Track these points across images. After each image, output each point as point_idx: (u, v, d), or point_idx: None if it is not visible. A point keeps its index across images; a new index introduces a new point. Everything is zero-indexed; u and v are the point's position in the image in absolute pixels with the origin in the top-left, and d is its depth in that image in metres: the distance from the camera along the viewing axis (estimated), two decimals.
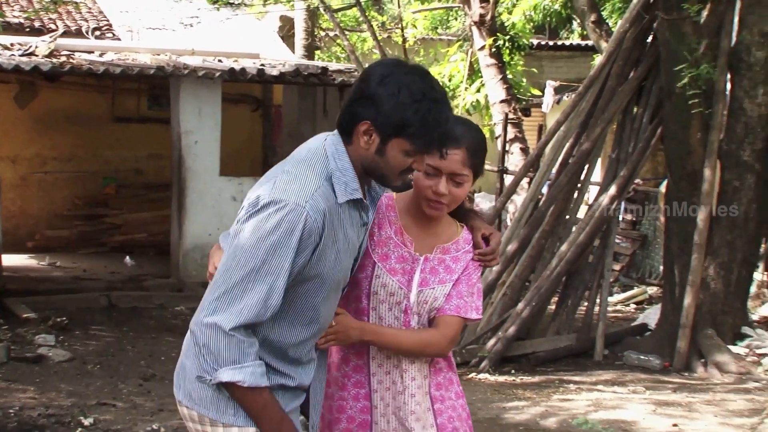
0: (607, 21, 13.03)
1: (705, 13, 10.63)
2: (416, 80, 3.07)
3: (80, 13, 16.48)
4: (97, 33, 15.84)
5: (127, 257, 15.17)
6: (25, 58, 12.51)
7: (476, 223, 3.53)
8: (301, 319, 3.16)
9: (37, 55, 12.75)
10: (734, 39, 10.67)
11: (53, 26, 15.43)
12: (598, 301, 11.12)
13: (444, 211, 3.38)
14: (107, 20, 16.49)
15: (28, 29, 15.31)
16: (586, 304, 11.37)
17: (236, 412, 3.10)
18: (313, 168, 3.12)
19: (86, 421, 7.89)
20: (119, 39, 15.66)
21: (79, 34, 15.47)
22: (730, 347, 10.30)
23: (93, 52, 13.66)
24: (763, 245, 12.18)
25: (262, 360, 3.10)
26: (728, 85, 10.68)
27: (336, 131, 3.22)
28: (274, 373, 3.16)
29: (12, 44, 13.09)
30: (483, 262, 3.48)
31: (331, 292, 3.19)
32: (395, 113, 3.02)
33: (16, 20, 15.42)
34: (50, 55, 12.87)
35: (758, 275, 12.62)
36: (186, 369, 3.18)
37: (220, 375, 3.00)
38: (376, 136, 3.08)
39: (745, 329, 10.75)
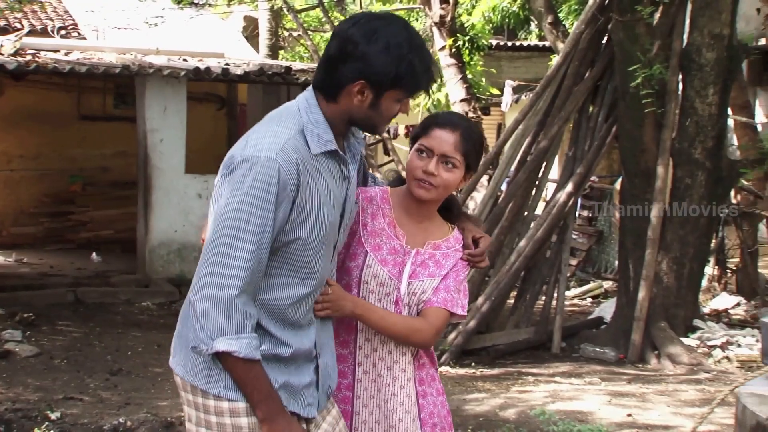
0: (563, 22, 13.14)
1: (657, 15, 10.76)
2: (400, 31, 3.10)
3: (46, 12, 16.41)
4: (63, 32, 15.77)
5: (94, 254, 15.07)
6: None
7: (468, 225, 3.57)
8: (296, 275, 3.12)
9: (2, 54, 12.67)
10: (685, 40, 10.77)
11: (19, 25, 15.33)
12: (555, 295, 11.21)
13: (433, 195, 3.36)
14: (73, 20, 16.41)
15: None
16: (543, 298, 11.41)
17: (227, 384, 3.06)
18: (284, 123, 3.11)
19: (53, 416, 7.80)
20: (85, 38, 15.59)
21: (44, 33, 15.40)
22: (682, 339, 10.39)
23: (59, 51, 13.63)
24: (713, 241, 12.29)
25: (261, 325, 3.08)
26: (680, 85, 10.77)
27: (310, 88, 3.20)
28: (270, 340, 3.11)
29: None
30: (471, 263, 3.49)
31: (322, 246, 3.16)
32: (389, 69, 3.04)
33: None
34: (16, 53, 12.80)
35: (709, 269, 12.76)
36: (182, 339, 3.15)
37: (216, 345, 2.95)
38: (370, 93, 3.08)
39: (697, 322, 10.86)
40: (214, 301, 2.96)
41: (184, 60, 13.88)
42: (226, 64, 13.85)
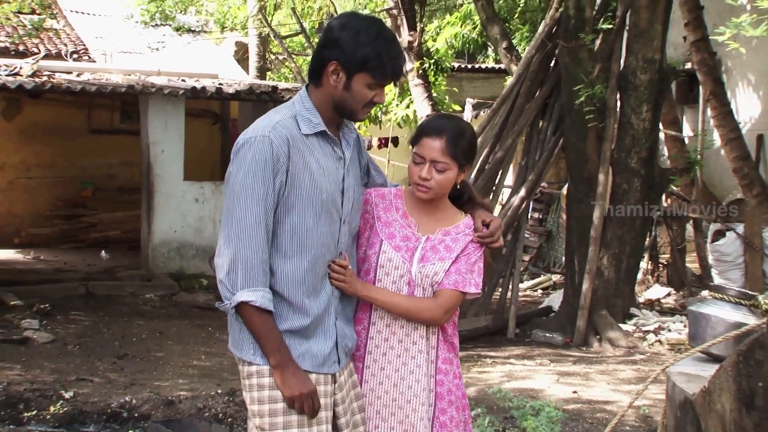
0: (516, 48, 13.21)
1: (598, 42, 10.80)
2: (371, 24, 3.18)
3: (60, 38, 16.29)
4: (75, 56, 15.67)
5: (103, 252, 15.00)
6: (11, 78, 12.42)
7: (479, 211, 3.47)
8: (301, 244, 3.17)
9: (21, 75, 12.65)
10: (622, 64, 10.79)
11: (36, 50, 15.23)
12: (510, 287, 11.17)
13: (431, 195, 3.34)
14: (84, 45, 16.32)
15: (13, 52, 15.10)
16: (500, 290, 11.39)
17: (254, 352, 3.16)
18: (279, 111, 3.24)
19: (67, 395, 7.79)
20: (94, 61, 15.51)
21: (58, 57, 15.28)
22: (621, 325, 10.41)
23: (71, 73, 13.54)
24: (647, 239, 12.33)
25: (283, 297, 3.17)
26: (618, 103, 10.78)
27: (304, 86, 3.32)
28: (291, 311, 3.19)
29: None
30: (483, 244, 3.38)
31: (322, 214, 3.20)
32: (357, 51, 3.11)
33: (2, 44, 15.21)
34: (33, 75, 12.76)
35: (644, 264, 12.76)
36: (229, 323, 3.26)
37: (237, 296, 3.06)
38: (343, 74, 3.14)
39: (633, 310, 10.89)
40: (233, 261, 3.09)
41: (183, 80, 13.81)
42: (220, 84, 13.80)
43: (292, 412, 3.14)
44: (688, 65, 14.09)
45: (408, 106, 16.78)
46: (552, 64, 11.43)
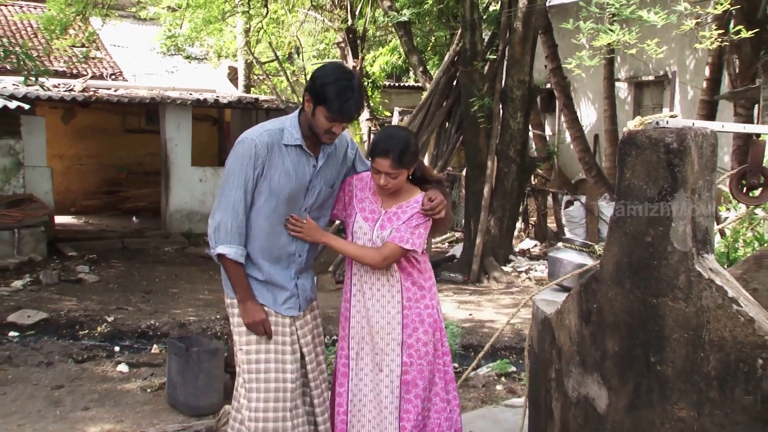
0: (429, 71, 13.19)
1: (486, 68, 10.84)
2: (340, 72, 3.03)
3: (102, 64, 16.06)
4: (113, 77, 15.43)
5: (134, 217, 14.77)
6: (67, 93, 12.37)
7: (430, 189, 3.26)
8: (268, 220, 3.13)
9: (75, 91, 12.58)
10: (503, 83, 10.84)
11: (85, 72, 15.04)
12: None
13: (391, 191, 3.20)
14: (119, 68, 16.11)
15: (68, 74, 14.92)
16: None
17: (231, 290, 3.19)
18: (273, 122, 3.17)
19: (109, 319, 7.91)
20: (126, 80, 15.28)
21: (101, 77, 15.10)
22: (503, 268, 10.54)
23: (110, 89, 13.43)
24: (521, 207, 12.45)
25: (252, 259, 3.14)
26: (501, 111, 10.82)
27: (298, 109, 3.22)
28: (255, 268, 3.16)
29: (58, 84, 12.81)
30: (426, 215, 3.19)
31: (283, 202, 3.12)
32: (319, 89, 2.99)
33: (61, 69, 15.09)
34: (83, 90, 12.70)
35: (519, 225, 12.95)
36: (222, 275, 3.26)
37: (218, 249, 3.08)
38: (311, 105, 3.04)
39: (511, 257, 11.03)
40: (218, 224, 3.09)
41: (190, 94, 13.60)
42: (217, 96, 13.62)
43: (251, 333, 3.16)
44: (548, 85, 14.20)
45: None
46: (454, 83, 11.43)
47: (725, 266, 3.92)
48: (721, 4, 7.42)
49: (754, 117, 9.57)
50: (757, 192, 3.25)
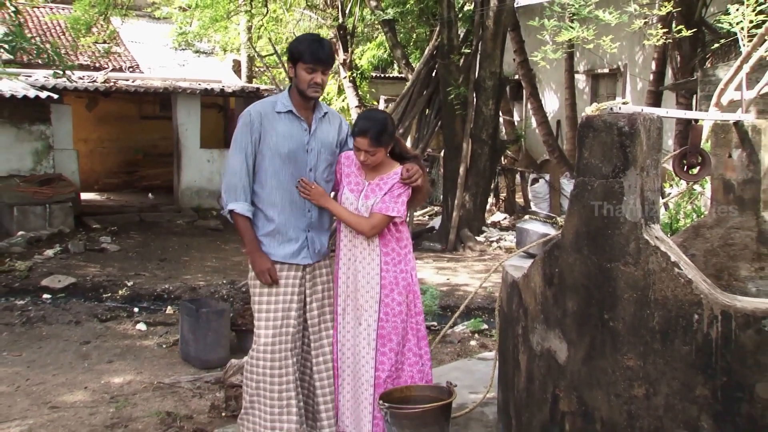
0: (412, 63, 13.11)
1: (462, 60, 10.78)
2: (306, 35, 3.20)
3: (121, 57, 15.98)
4: (131, 69, 15.34)
5: (150, 194, 14.73)
6: (90, 84, 12.33)
7: (407, 162, 3.26)
8: (272, 177, 3.16)
9: (97, 82, 12.50)
10: (477, 74, 10.79)
11: (106, 65, 15.00)
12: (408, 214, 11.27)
13: (371, 166, 3.20)
14: (136, 62, 16.02)
15: (92, 67, 14.88)
16: None
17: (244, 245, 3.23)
18: (269, 98, 3.24)
19: (128, 283, 7.91)
20: (143, 72, 15.17)
21: (120, 69, 15.07)
22: (476, 238, 10.54)
23: (129, 80, 13.32)
24: (492, 184, 12.46)
25: (262, 211, 3.17)
26: (474, 99, 10.78)
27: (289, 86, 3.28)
28: (264, 222, 3.18)
29: (83, 76, 12.73)
30: (405, 184, 3.19)
31: (285, 161, 3.15)
32: (294, 50, 3.12)
33: (86, 62, 15.11)
34: (105, 81, 12.63)
35: (491, 200, 12.98)
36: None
37: (229, 206, 3.14)
38: (291, 66, 3.15)
39: (484, 228, 11.01)
40: (227, 185, 3.17)
41: (199, 84, 13.48)
42: (223, 86, 13.52)
43: (259, 281, 3.23)
44: (516, 76, 14.15)
45: (344, 100, 16.57)
46: (434, 74, 11.36)
47: (668, 235, 3.95)
48: (665, 7, 7.44)
49: (694, 105, 9.62)
50: (695, 170, 3.27)
